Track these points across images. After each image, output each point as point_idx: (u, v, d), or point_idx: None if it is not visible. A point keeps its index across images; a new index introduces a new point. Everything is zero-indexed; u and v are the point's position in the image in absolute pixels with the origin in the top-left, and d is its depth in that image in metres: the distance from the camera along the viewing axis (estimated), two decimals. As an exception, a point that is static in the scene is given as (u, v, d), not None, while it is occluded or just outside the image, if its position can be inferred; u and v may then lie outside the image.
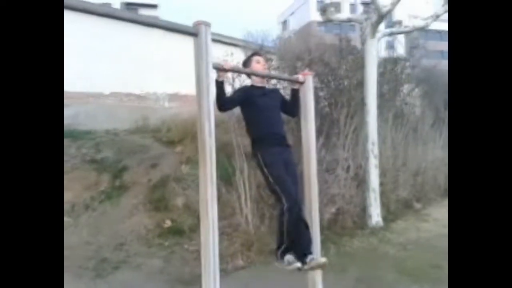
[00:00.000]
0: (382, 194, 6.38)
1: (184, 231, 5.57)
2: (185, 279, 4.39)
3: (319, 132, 5.79)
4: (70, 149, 6.65)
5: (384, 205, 6.41)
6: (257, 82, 3.10)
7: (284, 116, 3.24)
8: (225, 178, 5.39)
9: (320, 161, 5.68)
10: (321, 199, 5.70)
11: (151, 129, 7.89)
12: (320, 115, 5.95)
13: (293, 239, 2.83)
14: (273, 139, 2.92)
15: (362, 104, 6.14)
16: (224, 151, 5.50)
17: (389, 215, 6.40)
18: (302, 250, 2.83)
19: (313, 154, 3.18)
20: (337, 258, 4.75)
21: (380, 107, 6.40)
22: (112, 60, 8.95)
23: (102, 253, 4.86)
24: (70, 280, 4.22)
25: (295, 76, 3.20)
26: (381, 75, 6.76)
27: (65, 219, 5.83)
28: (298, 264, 2.78)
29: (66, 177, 6.31)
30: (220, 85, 2.72)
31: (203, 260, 2.49)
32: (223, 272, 4.62)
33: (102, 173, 6.42)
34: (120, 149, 6.86)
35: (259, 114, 2.93)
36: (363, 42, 5.96)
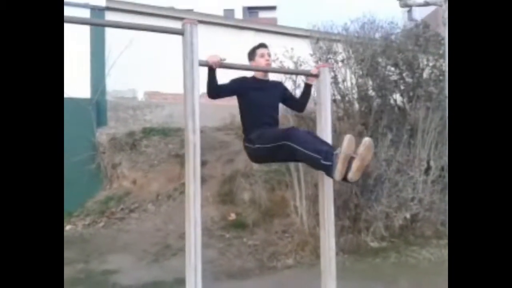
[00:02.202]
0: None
1: (247, 225, 5.72)
2: (231, 272, 4.53)
3: (389, 128, 5.30)
4: (160, 145, 7.40)
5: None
6: (259, 74, 3.01)
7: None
8: (282, 176, 5.37)
9: (388, 161, 5.20)
10: (390, 203, 5.23)
11: (236, 126, 8.23)
12: (390, 109, 5.44)
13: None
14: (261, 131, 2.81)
15: (444, 97, 5.39)
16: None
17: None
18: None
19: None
20: (392, 268, 4.32)
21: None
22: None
23: (167, 240, 5.33)
24: (130, 262, 4.77)
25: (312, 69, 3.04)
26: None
27: (149, 206, 6.56)
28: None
29: (153, 170, 7.08)
30: (212, 73, 2.74)
31: (186, 255, 2.57)
32: (272, 269, 4.66)
33: (184, 167, 6.98)
34: (203, 145, 7.34)
35: (250, 108, 2.86)
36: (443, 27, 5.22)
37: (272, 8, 33.91)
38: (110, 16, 8.12)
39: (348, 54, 5.40)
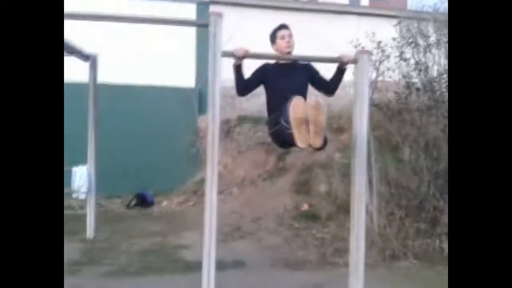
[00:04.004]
0: None
1: (320, 217, 5.62)
2: (289, 261, 4.54)
3: None
4: (250, 132, 7.71)
5: None
6: (287, 54, 2.93)
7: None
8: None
9: None
10: None
11: (328, 116, 8.04)
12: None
13: None
14: None
15: None
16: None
17: None
18: None
19: (363, 155, 2.78)
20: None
21: None
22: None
23: (239, 222, 5.60)
24: (198, 238, 5.14)
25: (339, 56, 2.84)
26: None
27: (234, 190, 6.93)
28: None
29: (241, 156, 7.45)
30: (238, 69, 2.78)
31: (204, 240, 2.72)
32: (332, 265, 4.53)
33: (270, 154, 7.16)
34: (290, 134, 7.41)
35: (273, 95, 2.82)
36: None
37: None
38: (214, 10, 8.68)
39: (439, 37, 4.79)
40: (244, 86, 2.88)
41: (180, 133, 7.91)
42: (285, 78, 2.85)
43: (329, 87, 2.98)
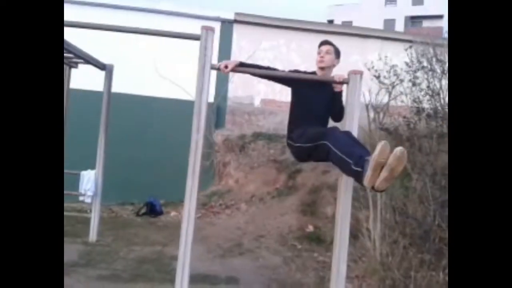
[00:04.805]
0: None
1: (324, 241, 5.49)
2: (286, 284, 4.43)
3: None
4: (263, 149, 7.70)
5: None
6: (318, 71, 2.95)
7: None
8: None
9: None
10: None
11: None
12: None
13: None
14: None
15: None
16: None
17: None
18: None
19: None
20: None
21: None
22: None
23: (241, 239, 5.54)
24: (200, 252, 5.12)
25: (333, 76, 2.81)
26: None
27: (242, 205, 6.90)
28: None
29: (252, 172, 7.42)
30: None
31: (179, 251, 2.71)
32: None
33: (281, 172, 7.11)
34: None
35: (299, 104, 2.82)
36: None
37: (439, 17, 31.00)
38: (238, 29, 8.86)
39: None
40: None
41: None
42: (315, 90, 2.85)
43: (332, 112, 2.94)
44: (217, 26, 8.71)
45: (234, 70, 2.78)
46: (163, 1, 8.56)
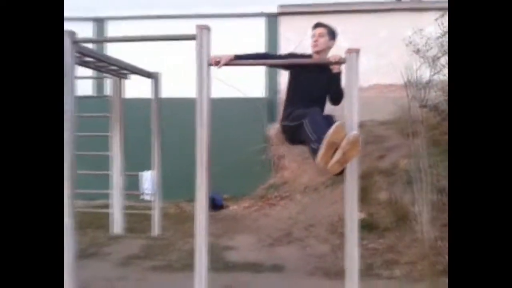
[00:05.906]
0: None
1: (376, 227, 5.35)
2: (331, 271, 4.42)
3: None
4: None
5: None
6: (315, 54, 2.92)
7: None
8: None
9: None
10: None
11: (402, 121, 7.56)
12: None
13: None
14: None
15: None
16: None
17: None
18: None
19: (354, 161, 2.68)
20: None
21: None
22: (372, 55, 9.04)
23: (291, 228, 5.63)
24: (250, 242, 5.33)
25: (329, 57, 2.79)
26: None
27: (296, 196, 6.97)
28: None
29: (306, 162, 7.44)
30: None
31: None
32: (373, 276, 4.30)
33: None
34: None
35: (294, 87, 2.86)
36: None
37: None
38: (284, 21, 8.88)
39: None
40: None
41: (251, 141, 8.23)
42: (311, 74, 2.86)
43: (331, 96, 2.92)
44: (261, 21, 8.84)
45: (228, 64, 2.85)
46: (206, 5, 8.89)
